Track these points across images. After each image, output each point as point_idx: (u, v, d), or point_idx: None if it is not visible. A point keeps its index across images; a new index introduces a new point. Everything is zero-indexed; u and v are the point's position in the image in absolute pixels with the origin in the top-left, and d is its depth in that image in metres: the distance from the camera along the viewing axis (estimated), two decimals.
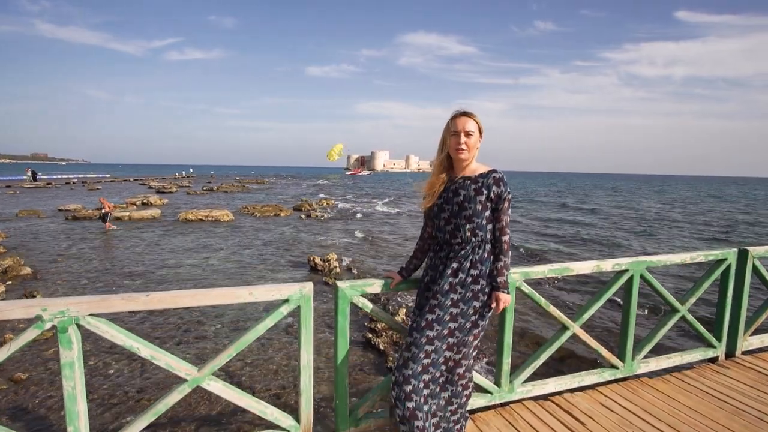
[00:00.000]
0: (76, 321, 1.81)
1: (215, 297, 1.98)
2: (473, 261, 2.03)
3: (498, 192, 2.04)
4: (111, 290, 8.12)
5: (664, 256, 3.10)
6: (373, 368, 5.24)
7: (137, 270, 9.74)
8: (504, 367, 2.63)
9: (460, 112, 2.11)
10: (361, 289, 2.23)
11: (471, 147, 2.08)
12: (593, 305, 2.86)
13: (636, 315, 3.01)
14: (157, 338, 5.71)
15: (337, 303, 2.19)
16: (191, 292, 1.95)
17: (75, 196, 29.51)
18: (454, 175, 2.15)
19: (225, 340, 5.74)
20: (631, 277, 2.94)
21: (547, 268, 2.66)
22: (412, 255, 2.32)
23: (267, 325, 2.07)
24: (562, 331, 2.81)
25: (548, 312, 2.72)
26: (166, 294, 1.91)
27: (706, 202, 38.46)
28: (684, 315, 3.22)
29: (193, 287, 8.34)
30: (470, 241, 2.05)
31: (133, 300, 1.87)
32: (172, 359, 1.96)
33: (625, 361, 3.04)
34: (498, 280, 2.05)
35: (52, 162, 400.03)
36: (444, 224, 2.10)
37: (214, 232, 15.50)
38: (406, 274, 2.30)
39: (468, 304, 2.00)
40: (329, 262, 10.16)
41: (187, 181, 58.39)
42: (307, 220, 19.62)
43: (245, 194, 37.34)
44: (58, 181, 50.74)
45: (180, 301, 1.93)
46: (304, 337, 2.13)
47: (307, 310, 2.11)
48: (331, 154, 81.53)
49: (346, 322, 2.21)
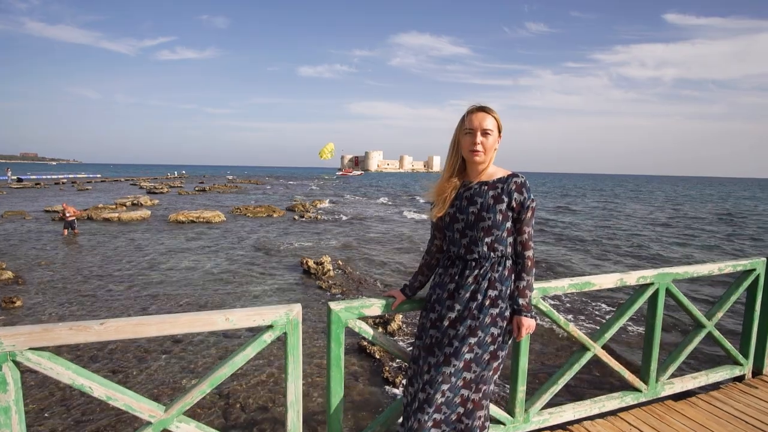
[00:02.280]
0: (12, 357, 1.48)
1: (185, 324, 1.66)
2: (492, 280, 1.73)
3: (520, 200, 1.74)
4: (95, 295, 7.75)
5: (691, 267, 2.82)
6: (368, 379, 4.94)
7: (124, 273, 9.37)
8: (518, 395, 2.33)
9: (476, 106, 1.80)
10: (358, 311, 1.91)
11: (488, 148, 1.78)
12: (615, 323, 2.57)
13: (661, 332, 2.73)
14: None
15: (330, 328, 1.88)
16: (156, 318, 1.64)
17: (63, 197, 28.92)
18: (469, 179, 1.84)
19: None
20: (656, 291, 2.66)
21: (567, 282, 2.36)
22: (417, 271, 2.00)
23: (247, 356, 1.76)
24: (582, 353, 2.51)
25: (567, 331, 2.43)
26: (125, 322, 1.59)
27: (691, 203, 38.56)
28: (711, 331, 2.95)
29: (180, 291, 7.99)
30: (489, 257, 1.74)
31: (83, 330, 1.55)
32: (133, 398, 1.64)
33: (648, 383, 2.75)
34: (520, 302, 1.74)
35: (42, 162, 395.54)
36: (458, 237, 1.80)
37: (205, 233, 15.10)
38: (411, 292, 1.99)
39: (485, 332, 1.70)
40: (323, 265, 9.84)
41: (179, 181, 57.74)
42: (301, 221, 19.26)
43: (238, 194, 36.87)
44: (47, 181, 49.93)
45: (142, 331, 1.61)
46: (292, 370, 1.81)
47: (294, 338, 1.80)
48: (323, 152, 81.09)
49: (341, 350, 1.90)
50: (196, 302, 7.51)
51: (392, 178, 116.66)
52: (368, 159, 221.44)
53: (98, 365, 5.01)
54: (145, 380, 4.72)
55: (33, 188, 38.89)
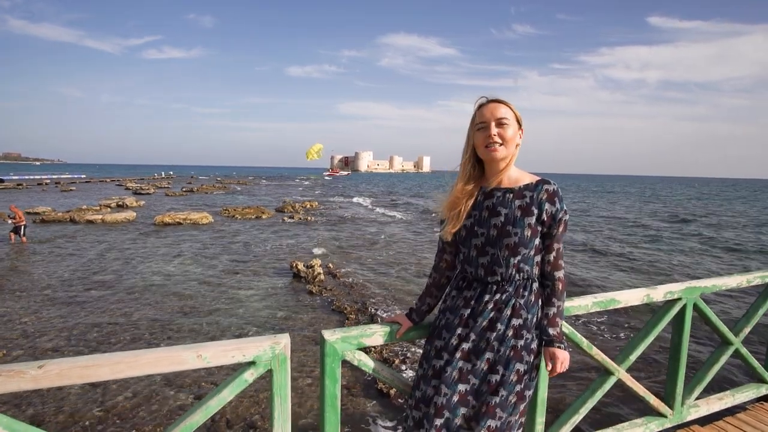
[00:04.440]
0: None
1: (147, 364, 1.36)
2: (516, 307, 1.45)
3: (552, 211, 1.46)
4: (73, 301, 7.34)
5: (719, 279, 2.58)
6: (362, 390, 4.64)
7: (105, 278, 8.96)
8: (537, 427, 2.06)
9: (486, 98, 1.52)
10: (357, 341, 1.62)
11: (508, 140, 1.48)
12: (641, 343, 2.32)
13: (688, 352, 2.48)
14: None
15: (324, 362, 1.58)
16: (110, 357, 1.33)
17: (45, 198, 28.20)
18: (487, 185, 1.55)
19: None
20: (683, 307, 2.41)
21: (591, 300, 2.09)
22: (424, 292, 1.72)
23: (224, 400, 1.46)
24: (605, 377, 2.25)
25: (590, 355, 2.16)
26: (70, 363, 1.29)
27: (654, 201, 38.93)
28: (738, 348, 2.71)
29: (163, 298, 7.61)
30: (513, 280, 1.47)
31: (16, 375, 1.24)
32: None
33: (674, 407, 2.50)
34: (550, 332, 1.47)
35: (25, 162, 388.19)
36: (475, 255, 1.51)
37: (192, 235, 14.68)
38: (418, 317, 1.70)
39: (509, 369, 1.42)
40: (313, 269, 9.52)
41: (167, 182, 56.83)
42: (290, 222, 18.88)
43: (226, 195, 36.32)
44: (30, 181, 48.81)
45: (92, 374, 1.31)
46: (279, 413, 1.52)
47: (282, 376, 1.50)
48: (310, 153, 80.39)
49: (337, 387, 1.61)
50: (181, 310, 7.15)
51: (382, 178, 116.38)
52: (358, 159, 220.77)
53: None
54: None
55: (14, 189, 37.92)
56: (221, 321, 6.71)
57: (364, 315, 7.06)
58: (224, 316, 6.95)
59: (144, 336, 6.03)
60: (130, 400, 4.37)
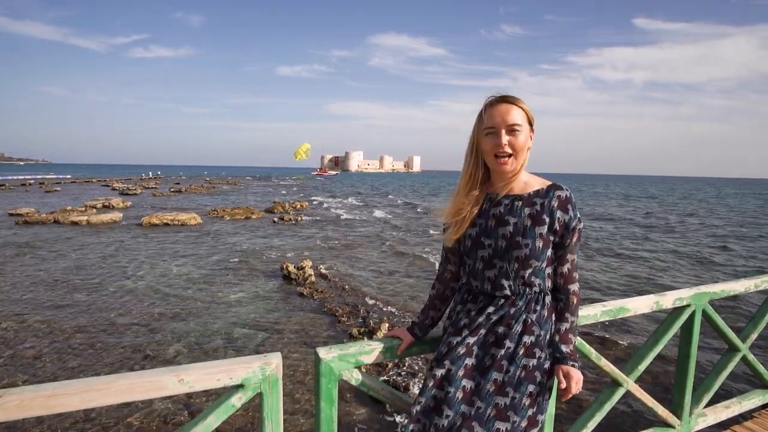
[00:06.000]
0: None
1: (121, 391, 1.21)
2: (527, 323, 1.33)
3: (565, 220, 1.34)
4: (57, 306, 7.10)
5: (727, 284, 2.49)
6: (357, 398, 4.51)
7: (90, 283, 8.70)
8: None
9: (496, 97, 1.38)
10: (355, 359, 1.49)
11: (518, 150, 1.35)
12: (650, 352, 2.22)
13: (696, 361, 2.39)
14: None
15: (319, 383, 1.45)
16: (80, 385, 1.18)
17: (29, 199, 27.60)
18: (494, 191, 1.42)
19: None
20: (692, 314, 2.31)
21: (600, 310, 1.99)
22: (427, 305, 1.59)
23: (210, 427, 1.32)
24: (613, 389, 2.15)
25: (599, 366, 2.06)
26: (33, 393, 1.14)
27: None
28: (745, 354, 2.63)
29: (150, 301, 7.40)
30: (524, 294, 1.35)
31: None
32: None
33: (682, 417, 2.41)
34: (563, 349, 1.35)
35: (9, 162, 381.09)
36: (482, 267, 1.38)
37: (180, 237, 14.41)
38: (421, 332, 1.57)
39: (520, 391, 1.29)
40: (303, 270, 9.37)
41: (154, 182, 56.06)
42: (280, 223, 18.66)
43: (215, 196, 35.90)
44: (13, 182, 47.84)
45: (59, 404, 1.16)
46: None
47: (273, 399, 1.37)
48: (299, 153, 79.69)
49: (334, 410, 1.48)
50: (168, 313, 6.94)
51: (372, 178, 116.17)
52: (348, 159, 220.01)
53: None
54: None
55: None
56: (210, 324, 6.52)
57: (357, 317, 6.93)
58: (213, 319, 6.77)
59: (129, 341, 5.83)
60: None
